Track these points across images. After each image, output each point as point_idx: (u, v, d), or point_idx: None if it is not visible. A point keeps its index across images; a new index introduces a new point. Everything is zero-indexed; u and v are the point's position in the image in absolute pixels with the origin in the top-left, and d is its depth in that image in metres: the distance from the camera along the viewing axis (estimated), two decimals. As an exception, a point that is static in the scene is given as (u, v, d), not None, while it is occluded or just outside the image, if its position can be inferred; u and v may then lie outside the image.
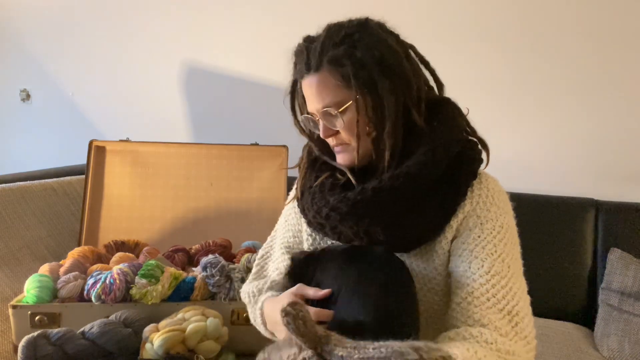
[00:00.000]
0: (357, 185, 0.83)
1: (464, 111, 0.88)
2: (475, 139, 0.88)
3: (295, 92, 0.89)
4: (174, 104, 2.40)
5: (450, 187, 0.82)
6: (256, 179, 1.79)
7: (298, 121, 0.91)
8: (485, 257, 0.77)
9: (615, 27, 1.80)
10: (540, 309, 1.73)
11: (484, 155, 0.87)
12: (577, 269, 1.75)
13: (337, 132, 0.83)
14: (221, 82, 2.31)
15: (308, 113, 0.87)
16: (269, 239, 1.08)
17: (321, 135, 0.85)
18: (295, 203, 0.98)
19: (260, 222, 1.72)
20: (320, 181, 0.89)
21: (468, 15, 1.95)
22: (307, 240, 0.95)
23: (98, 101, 2.53)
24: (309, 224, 0.92)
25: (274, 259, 1.02)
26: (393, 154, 0.80)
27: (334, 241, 0.90)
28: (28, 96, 2.64)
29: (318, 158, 0.93)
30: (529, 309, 0.78)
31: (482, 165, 0.87)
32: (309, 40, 0.84)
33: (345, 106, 0.80)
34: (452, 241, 0.83)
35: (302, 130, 0.92)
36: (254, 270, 1.05)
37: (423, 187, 0.79)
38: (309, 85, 0.82)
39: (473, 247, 0.79)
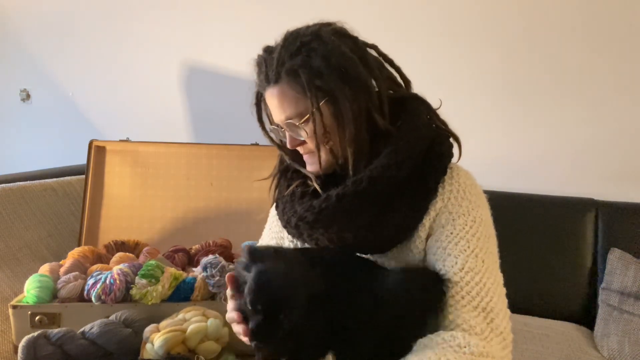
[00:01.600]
0: (324, 192, 0.83)
1: (436, 104, 0.88)
2: (447, 133, 0.87)
3: (260, 103, 0.89)
4: (174, 104, 2.40)
5: (420, 185, 0.81)
6: (256, 179, 1.79)
7: (267, 131, 0.91)
8: (458, 253, 0.77)
9: (616, 26, 1.80)
10: (540, 309, 1.73)
11: (455, 149, 0.87)
12: (577, 269, 1.75)
13: (303, 141, 0.84)
14: (221, 82, 2.31)
15: (274, 124, 0.87)
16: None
17: (288, 146, 0.86)
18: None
19: (260, 222, 1.71)
20: (291, 190, 0.90)
21: (469, 13, 1.95)
22: (289, 246, 0.96)
23: (98, 101, 2.52)
24: (288, 231, 0.92)
25: None
26: (358, 159, 0.80)
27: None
28: (28, 96, 2.64)
29: (289, 166, 0.94)
30: (504, 304, 0.77)
31: (455, 159, 0.86)
32: (268, 50, 0.84)
33: (305, 117, 0.80)
34: (426, 239, 0.83)
35: (272, 140, 0.92)
36: None
37: (389, 188, 0.78)
38: (271, 97, 0.83)
39: (446, 245, 0.79)
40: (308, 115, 0.80)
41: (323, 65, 0.77)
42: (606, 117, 1.85)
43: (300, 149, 0.87)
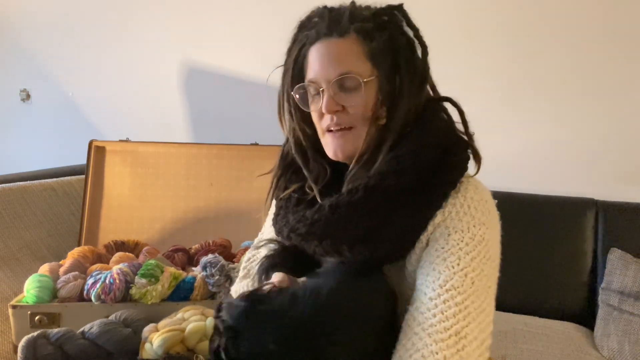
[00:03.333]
0: (322, 199, 0.77)
1: (463, 114, 0.82)
2: (464, 144, 0.80)
3: (298, 59, 0.79)
4: (174, 104, 2.40)
5: (423, 198, 0.74)
6: (256, 179, 1.79)
7: (288, 96, 0.81)
8: (444, 269, 0.70)
9: (616, 27, 1.80)
10: (540, 309, 1.73)
11: (471, 161, 0.80)
12: (577, 269, 1.75)
13: (342, 109, 0.75)
14: (221, 82, 2.31)
15: (310, 80, 0.77)
16: (256, 240, 1.06)
17: (324, 108, 0.75)
18: None
19: (260, 222, 1.72)
20: (287, 194, 0.83)
21: (468, 13, 1.95)
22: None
23: (98, 101, 2.52)
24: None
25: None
26: (391, 149, 0.74)
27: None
28: (28, 96, 2.64)
29: (292, 163, 0.86)
30: (481, 333, 0.68)
31: (471, 171, 0.80)
32: (329, 8, 0.78)
33: (369, 78, 0.73)
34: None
35: (290, 113, 0.82)
36: (241, 273, 1.03)
37: (387, 199, 0.72)
38: (326, 49, 0.75)
39: (434, 259, 0.71)
40: (370, 78, 0.73)
41: (400, 39, 0.74)
42: (607, 117, 1.85)
43: (328, 119, 0.76)
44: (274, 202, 0.98)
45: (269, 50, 2.28)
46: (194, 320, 1.14)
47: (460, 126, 0.81)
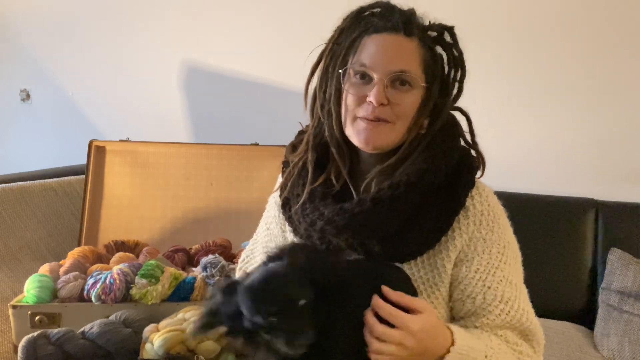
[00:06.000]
0: (339, 194, 0.80)
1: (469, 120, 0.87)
2: (470, 147, 0.85)
3: (355, 41, 0.78)
4: (174, 104, 2.40)
5: (449, 196, 0.79)
6: (256, 179, 1.79)
7: (332, 72, 0.79)
8: (496, 285, 0.79)
9: (615, 27, 1.80)
10: (540, 309, 1.72)
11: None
12: (577, 269, 1.75)
13: (387, 103, 0.75)
14: (221, 82, 2.31)
15: (362, 65, 0.76)
16: (251, 241, 1.06)
17: (373, 97, 0.74)
18: (277, 211, 0.93)
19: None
20: (309, 189, 0.82)
21: (465, 12, 1.95)
22: None
23: (98, 101, 2.52)
24: (296, 233, 0.86)
25: (254, 263, 1.01)
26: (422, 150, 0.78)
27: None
28: (28, 96, 2.64)
29: (315, 150, 0.84)
30: (535, 317, 0.83)
31: (478, 174, 0.84)
32: (394, 4, 0.79)
33: (422, 85, 0.76)
34: (455, 260, 0.80)
35: (337, 90, 0.78)
36: (237, 274, 1.07)
37: (422, 196, 0.76)
38: (393, 43, 0.75)
39: (485, 277, 0.79)
40: (423, 85, 0.76)
41: (457, 59, 0.79)
42: (607, 117, 1.85)
43: (367, 108, 0.75)
44: (272, 201, 0.99)
45: (269, 50, 2.30)
46: (194, 320, 1.14)
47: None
